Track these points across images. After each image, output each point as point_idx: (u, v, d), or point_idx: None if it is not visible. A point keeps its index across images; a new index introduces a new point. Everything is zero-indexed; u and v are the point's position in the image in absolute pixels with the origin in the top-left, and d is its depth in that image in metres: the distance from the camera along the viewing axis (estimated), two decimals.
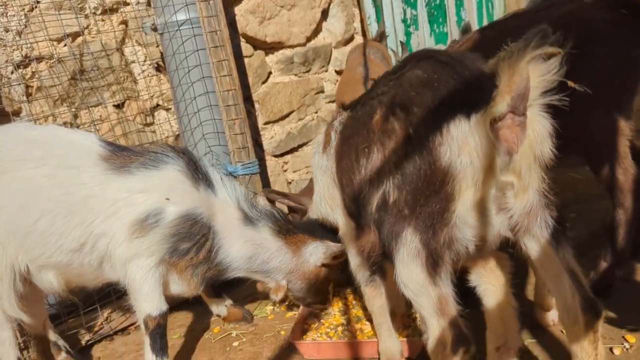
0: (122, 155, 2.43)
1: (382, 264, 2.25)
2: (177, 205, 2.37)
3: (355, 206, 2.08)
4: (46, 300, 2.88)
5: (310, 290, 2.72)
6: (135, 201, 2.34)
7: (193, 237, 2.41)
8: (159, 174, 2.40)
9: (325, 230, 2.67)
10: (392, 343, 2.45)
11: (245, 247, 2.57)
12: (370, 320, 2.70)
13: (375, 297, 2.42)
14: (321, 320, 2.93)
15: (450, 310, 1.79)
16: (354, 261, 2.42)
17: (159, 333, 2.41)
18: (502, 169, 1.64)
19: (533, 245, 1.82)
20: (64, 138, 2.45)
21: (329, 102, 5.07)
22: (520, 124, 1.54)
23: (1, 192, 2.31)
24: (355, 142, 1.98)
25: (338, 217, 2.43)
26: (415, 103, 1.74)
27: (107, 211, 2.33)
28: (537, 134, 1.63)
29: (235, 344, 2.90)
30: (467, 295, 1.94)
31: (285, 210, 3.35)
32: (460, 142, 1.64)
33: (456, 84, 1.69)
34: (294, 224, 2.75)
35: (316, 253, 2.66)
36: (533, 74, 1.48)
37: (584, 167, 3.54)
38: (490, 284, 2.10)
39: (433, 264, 1.75)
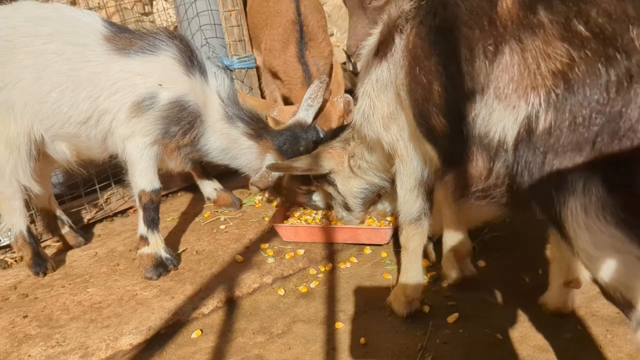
0: (123, 37, 2.55)
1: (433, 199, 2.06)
2: (169, 91, 2.52)
3: (451, 129, 1.58)
4: (51, 180, 3.07)
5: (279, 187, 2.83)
6: (135, 83, 2.49)
7: (180, 121, 2.57)
8: (155, 60, 2.53)
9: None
10: (419, 281, 2.20)
11: (220, 139, 2.71)
12: None
13: (415, 236, 2.15)
14: (304, 210, 3.05)
15: None
16: (405, 196, 2.10)
17: (151, 208, 2.60)
18: None
19: None
20: (70, 16, 2.56)
21: None
22: None
23: (16, 66, 2.46)
24: (465, 37, 1.45)
25: (399, 141, 2.01)
26: None
27: (110, 89, 2.49)
28: None
29: (222, 226, 3.07)
30: None
31: None
32: None
33: None
34: (268, 129, 2.81)
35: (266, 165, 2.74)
36: None
37: None
38: None
39: (634, 219, 1.16)
